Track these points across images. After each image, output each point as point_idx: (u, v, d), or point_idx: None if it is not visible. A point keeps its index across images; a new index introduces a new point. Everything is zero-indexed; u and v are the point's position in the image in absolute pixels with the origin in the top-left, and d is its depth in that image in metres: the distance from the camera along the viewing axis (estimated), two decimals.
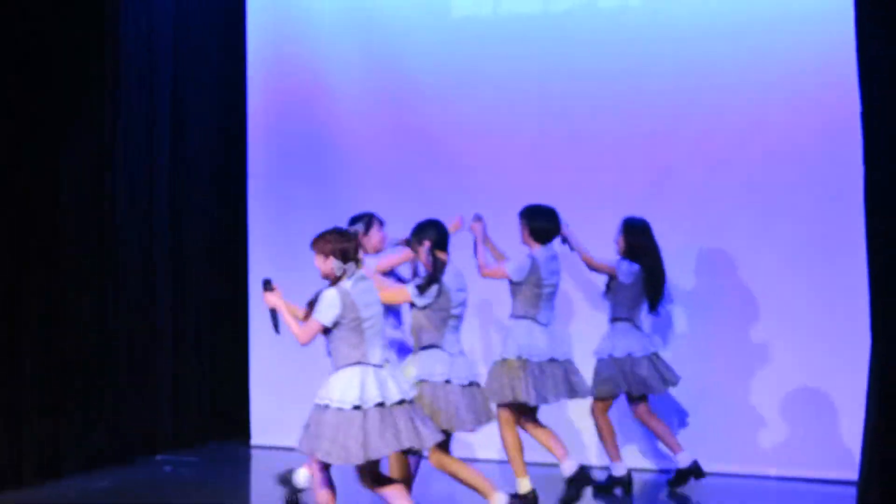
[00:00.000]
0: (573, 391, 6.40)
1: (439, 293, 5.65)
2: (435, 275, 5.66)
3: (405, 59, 8.15)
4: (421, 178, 8.11)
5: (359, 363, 5.12)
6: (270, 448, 8.33)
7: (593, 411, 6.81)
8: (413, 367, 5.67)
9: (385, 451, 5.05)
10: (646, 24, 7.65)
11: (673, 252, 7.15)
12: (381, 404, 5.06)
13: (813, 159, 7.21)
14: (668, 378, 6.80)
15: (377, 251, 6.39)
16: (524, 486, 6.22)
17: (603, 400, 6.77)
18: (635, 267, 6.74)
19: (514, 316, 6.42)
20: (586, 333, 7.25)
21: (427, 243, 5.71)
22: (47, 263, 7.12)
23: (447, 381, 5.63)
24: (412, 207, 7.67)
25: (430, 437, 5.17)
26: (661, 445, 7.18)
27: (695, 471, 6.79)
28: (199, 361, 8.54)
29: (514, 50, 7.90)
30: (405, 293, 5.72)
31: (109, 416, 7.45)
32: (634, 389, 6.73)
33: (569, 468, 6.34)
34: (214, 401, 8.67)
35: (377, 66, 8.23)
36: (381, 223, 6.47)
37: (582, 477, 6.34)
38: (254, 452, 8.37)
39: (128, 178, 7.79)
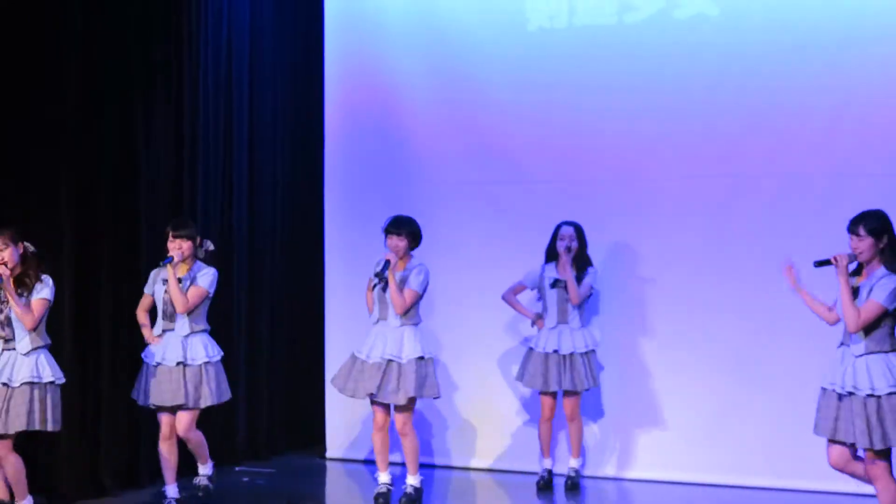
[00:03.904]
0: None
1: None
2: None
3: (480, 71, 8.14)
4: (493, 189, 8.09)
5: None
6: (345, 461, 8.40)
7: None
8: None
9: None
10: (722, 35, 7.57)
11: (745, 261, 7.23)
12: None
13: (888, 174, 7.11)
14: None
15: None
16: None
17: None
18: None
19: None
20: None
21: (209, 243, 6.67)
22: (116, 279, 7.22)
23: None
24: (485, 219, 7.68)
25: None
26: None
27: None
28: (275, 373, 8.62)
29: (590, 62, 7.86)
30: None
31: None
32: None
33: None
34: (291, 413, 8.74)
35: (452, 79, 8.23)
36: None
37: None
38: (329, 465, 8.42)
39: (205, 185, 7.89)
